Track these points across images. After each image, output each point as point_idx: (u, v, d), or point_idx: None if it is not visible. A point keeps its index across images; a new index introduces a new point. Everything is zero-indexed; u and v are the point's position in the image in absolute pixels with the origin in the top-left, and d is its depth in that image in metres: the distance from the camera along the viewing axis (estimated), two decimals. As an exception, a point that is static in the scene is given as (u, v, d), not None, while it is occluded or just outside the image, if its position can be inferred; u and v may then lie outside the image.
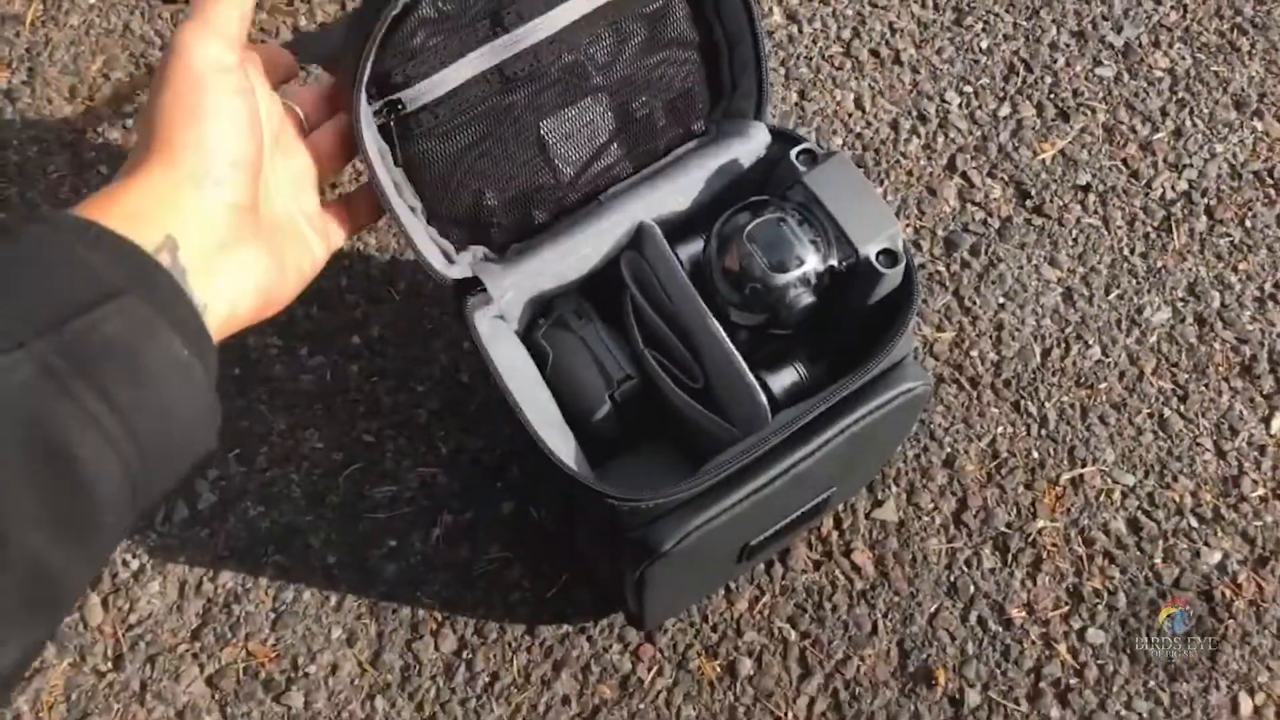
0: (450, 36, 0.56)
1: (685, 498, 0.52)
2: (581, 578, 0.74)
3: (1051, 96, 0.94)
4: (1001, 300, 0.85)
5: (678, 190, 0.60)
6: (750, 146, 0.61)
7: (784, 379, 0.58)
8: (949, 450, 0.79)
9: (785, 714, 0.71)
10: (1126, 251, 0.87)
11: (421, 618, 0.73)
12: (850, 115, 0.93)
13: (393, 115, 0.56)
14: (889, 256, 0.54)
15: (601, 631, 0.73)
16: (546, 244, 0.59)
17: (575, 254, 0.59)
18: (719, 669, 0.72)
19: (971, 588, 0.75)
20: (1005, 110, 0.93)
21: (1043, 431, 0.80)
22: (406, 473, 0.78)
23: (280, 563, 0.75)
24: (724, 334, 0.56)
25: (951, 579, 0.75)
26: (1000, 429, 0.80)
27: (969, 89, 0.94)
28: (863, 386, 0.55)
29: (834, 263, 0.55)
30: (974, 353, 0.83)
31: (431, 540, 0.76)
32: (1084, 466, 0.79)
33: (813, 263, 0.54)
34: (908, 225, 0.88)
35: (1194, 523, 0.77)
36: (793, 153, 0.57)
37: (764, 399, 0.54)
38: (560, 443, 0.55)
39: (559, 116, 0.60)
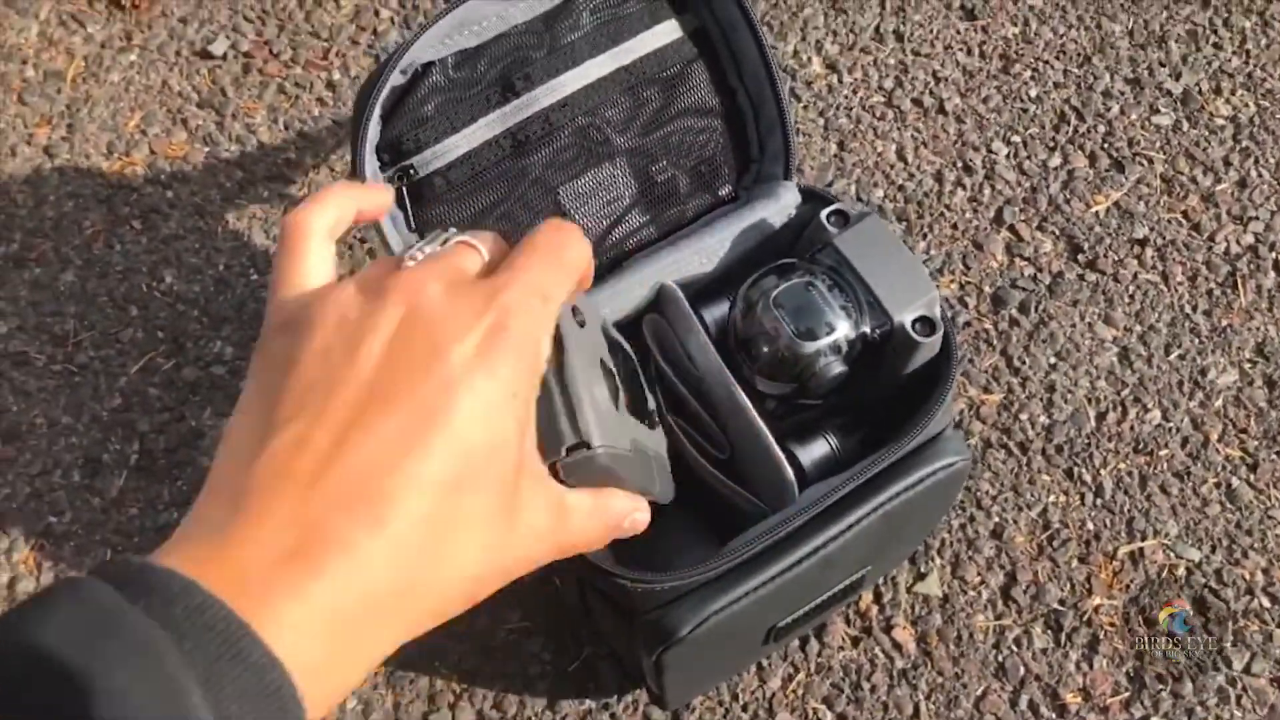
0: (461, 103, 0.55)
1: (704, 580, 0.49)
2: (604, 652, 0.71)
3: (1105, 146, 0.90)
4: (1053, 360, 0.80)
5: (702, 250, 0.57)
6: (779, 206, 0.58)
7: (814, 451, 0.55)
8: (997, 520, 0.75)
9: (820, 803, 0.66)
10: (1188, 309, 0.82)
11: (439, 689, 0.70)
12: (892, 167, 0.90)
13: (405, 180, 0.55)
14: (926, 325, 0.51)
15: (625, 709, 0.70)
16: (564, 307, 0.57)
17: (595, 314, 0.57)
18: (749, 752, 0.68)
19: (1022, 669, 0.70)
20: (1056, 161, 0.89)
21: (1098, 501, 0.75)
22: (428, 536, 0.76)
23: None
24: (749, 404, 0.52)
25: (1000, 659, 0.70)
26: (1052, 498, 0.75)
27: (1017, 139, 0.90)
28: (898, 461, 0.52)
29: (866, 330, 0.51)
30: (1023, 416, 0.78)
31: (452, 607, 0.73)
32: (1144, 540, 0.74)
33: (844, 330, 0.51)
34: (952, 281, 0.84)
35: (1266, 602, 0.71)
36: (823, 214, 0.54)
37: (791, 474, 0.51)
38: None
39: (577, 181, 0.58)
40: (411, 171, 0.55)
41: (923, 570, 0.73)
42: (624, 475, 0.34)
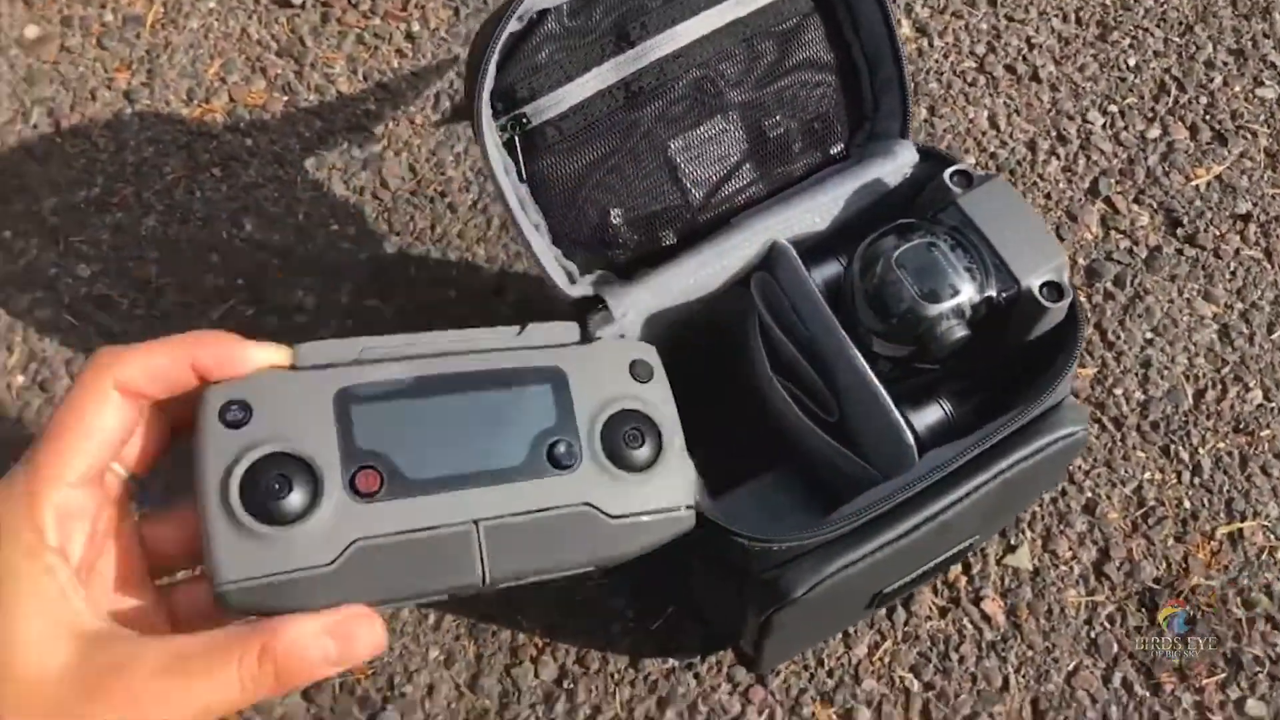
0: (575, 51, 0.54)
1: (822, 541, 0.48)
2: (689, 612, 0.71)
3: (1207, 118, 0.87)
4: (1149, 335, 0.78)
5: (814, 209, 0.56)
6: (895, 165, 0.57)
7: (928, 417, 0.54)
8: (1090, 495, 0.73)
9: (904, 773, 0.66)
10: (1292, 286, 0.80)
11: (521, 642, 0.70)
12: (984, 134, 0.87)
13: (517, 130, 0.53)
14: (1054, 290, 0.49)
15: (709, 670, 0.69)
16: (672, 263, 0.56)
17: (701, 271, 0.56)
18: (835, 717, 0.68)
19: (1115, 646, 0.69)
20: (1155, 132, 0.86)
21: (1196, 480, 0.74)
22: (509, 492, 0.76)
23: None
24: (866, 366, 0.51)
25: (1092, 635, 0.69)
26: (1147, 475, 0.74)
27: (1114, 109, 0.88)
28: (1019, 429, 0.51)
29: (991, 293, 0.50)
30: (1118, 391, 0.77)
31: (533, 564, 0.73)
32: (1243, 521, 0.72)
33: (968, 293, 0.50)
34: (1045, 251, 0.82)
35: (1367, 588, 0.70)
36: (947, 173, 0.53)
37: (911, 438, 0.50)
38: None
39: (688, 135, 0.57)
40: (524, 120, 0.54)
41: (1013, 543, 0.72)
42: (305, 600, 0.31)
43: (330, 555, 0.32)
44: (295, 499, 0.33)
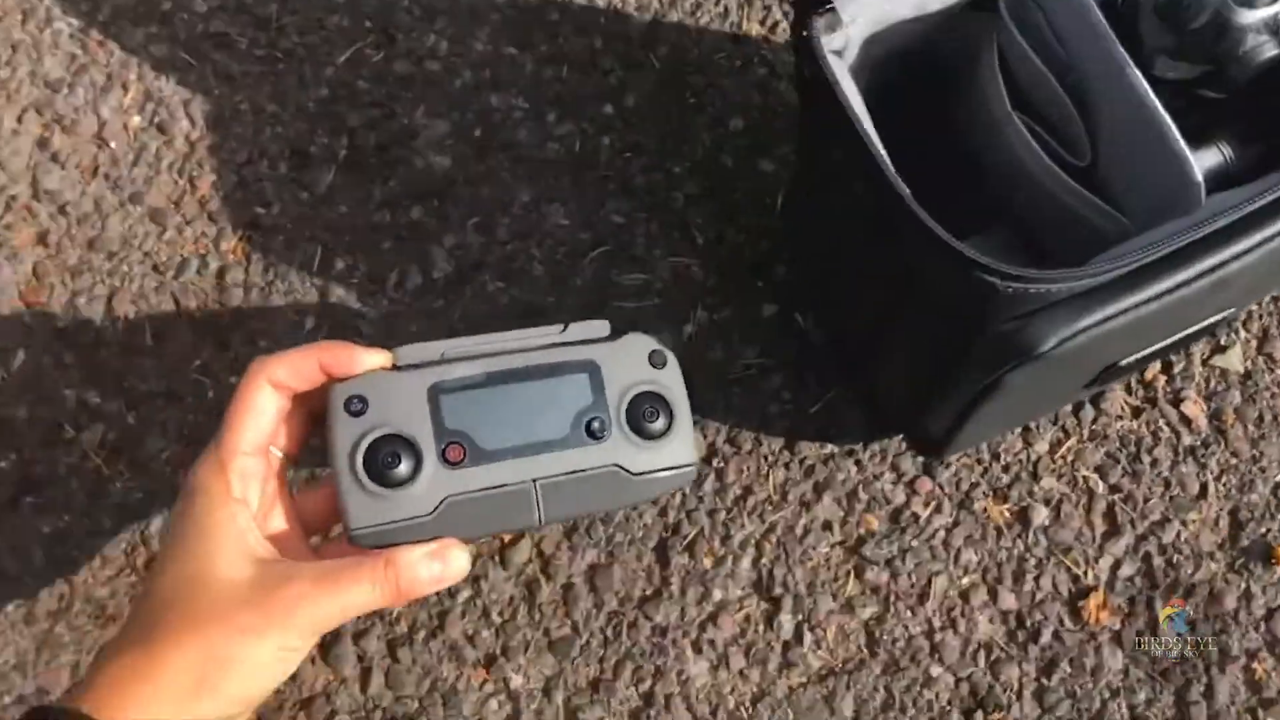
0: None
1: (1086, 287, 0.41)
2: (852, 396, 0.65)
3: None
4: None
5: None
6: None
7: (1204, 160, 0.45)
8: (1318, 294, 0.65)
9: (1084, 573, 0.61)
10: None
11: (670, 418, 0.66)
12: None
13: None
14: None
15: (872, 457, 0.64)
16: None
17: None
18: (1009, 515, 0.63)
19: (1332, 459, 0.62)
20: None
21: None
22: (659, 261, 0.70)
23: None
24: (1148, 87, 0.43)
25: (1306, 446, 0.63)
26: (1388, 275, 0.65)
27: None
28: (1321, 177, 0.42)
29: (1325, -1, 0.41)
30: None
31: (683, 337, 0.68)
32: None
33: (1294, -4, 0.41)
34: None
35: None
36: None
37: (1198, 174, 0.42)
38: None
39: None
40: None
41: (1223, 342, 0.65)
42: (414, 538, 0.44)
43: (430, 507, 0.45)
44: (403, 468, 0.45)
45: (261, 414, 0.44)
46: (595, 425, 0.48)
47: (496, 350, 0.49)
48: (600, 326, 0.51)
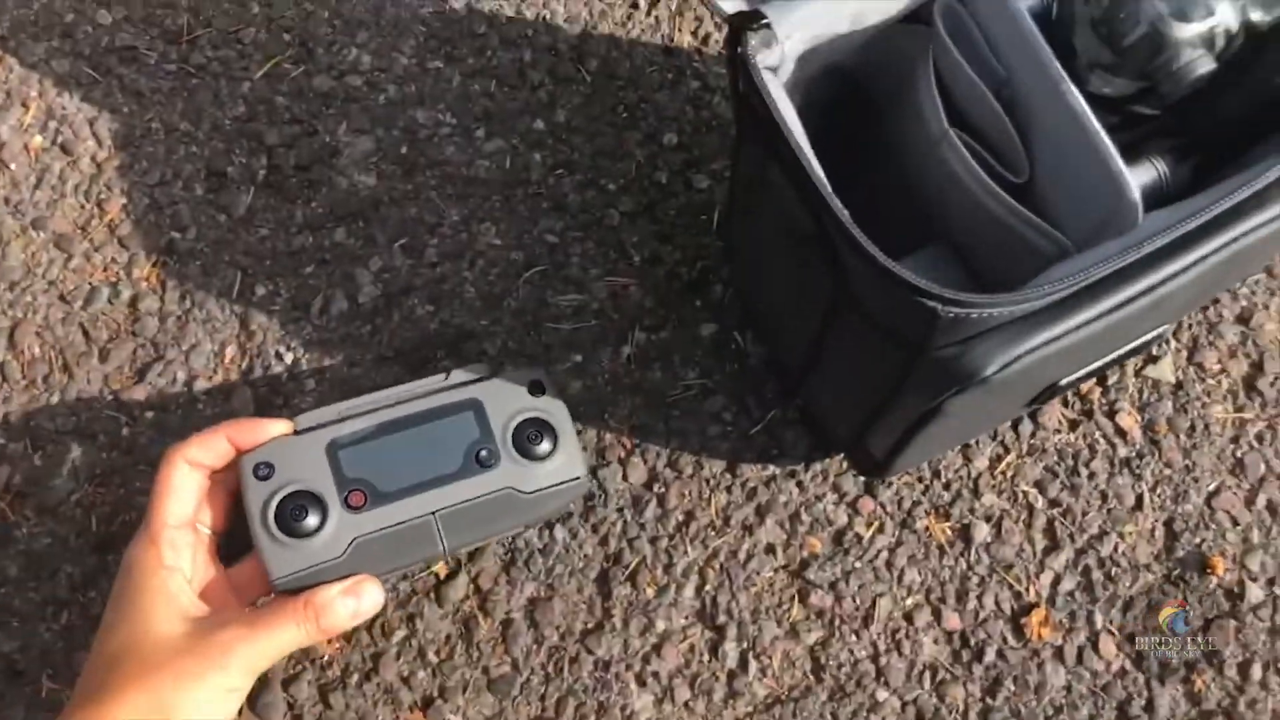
0: None
1: (1027, 310, 0.40)
2: (793, 416, 0.64)
3: None
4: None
5: (1026, -84, 0.45)
6: None
7: (1141, 176, 0.45)
8: (1245, 304, 0.66)
9: (1026, 589, 0.61)
10: None
11: (609, 443, 0.64)
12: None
13: None
14: (1337, 11, 0.40)
15: (814, 478, 0.63)
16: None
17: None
18: (951, 533, 0.62)
19: (1262, 467, 0.63)
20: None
21: (1366, 290, 0.66)
22: (594, 281, 0.68)
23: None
24: (1085, 103, 0.42)
25: (1238, 455, 0.63)
26: (1311, 284, 0.66)
27: None
28: (1255, 194, 0.42)
29: (1254, 17, 0.41)
30: (1284, 191, 0.68)
31: (621, 359, 0.66)
32: None
33: (1224, 14, 0.41)
34: None
35: None
36: None
37: (1136, 193, 0.42)
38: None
39: None
40: None
41: (1155, 354, 0.65)
42: (330, 578, 0.51)
43: (340, 550, 0.51)
44: (311, 519, 0.51)
45: (182, 490, 0.51)
46: (484, 455, 0.54)
47: (387, 403, 0.55)
48: (480, 368, 0.58)
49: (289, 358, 0.66)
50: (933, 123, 0.48)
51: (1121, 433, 0.64)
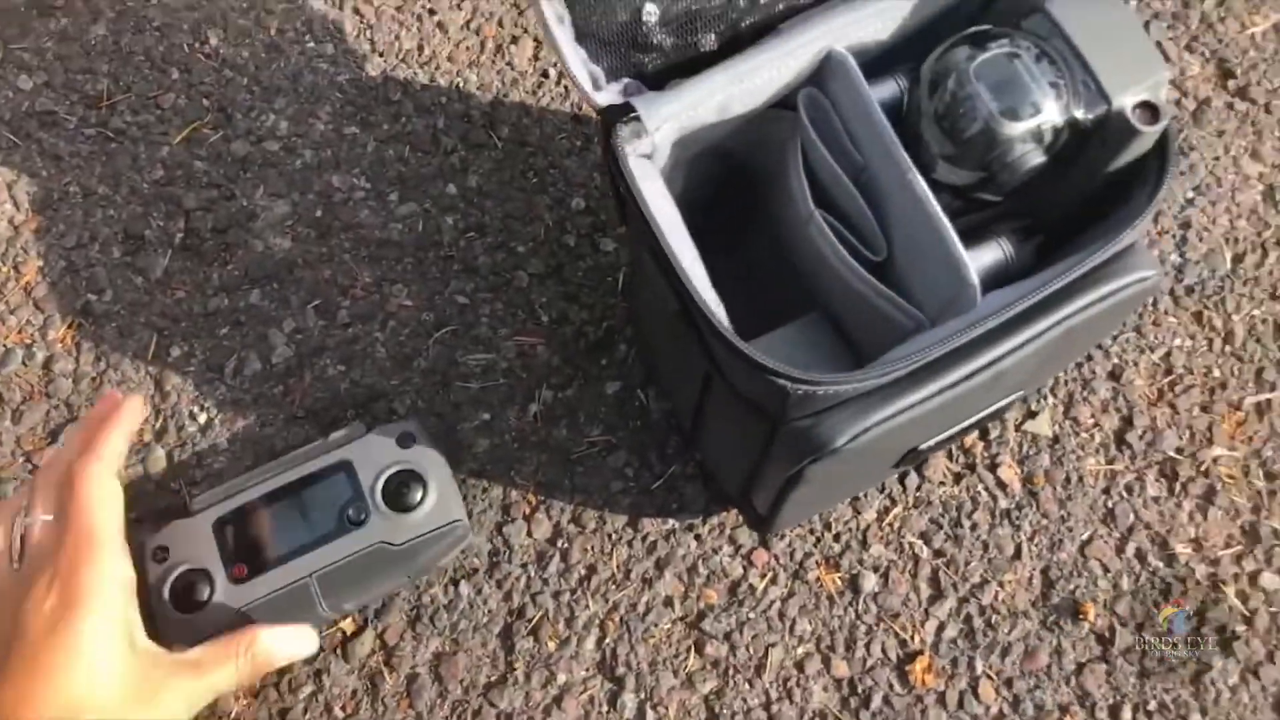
0: None
1: (872, 387, 0.44)
2: (692, 470, 0.67)
3: (1267, -38, 0.80)
4: (1190, 195, 0.74)
5: (878, 13, 0.49)
6: (967, -32, 0.50)
7: (984, 257, 0.49)
8: (1116, 361, 0.70)
9: (911, 637, 0.64)
10: (1342, 149, 0.75)
11: (514, 499, 0.66)
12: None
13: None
14: (1148, 111, 0.44)
15: (711, 531, 0.66)
16: (711, 72, 0.49)
17: (744, 83, 0.49)
18: (840, 583, 0.65)
19: (1131, 516, 0.66)
20: (1210, -25, 0.80)
21: (1227, 348, 0.70)
22: (503, 341, 0.70)
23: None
24: (929, 193, 0.46)
25: (1109, 505, 0.67)
26: (1177, 341, 0.70)
27: (1168, -52, 0.81)
28: (1087, 272, 0.46)
29: (1077, 115, 0.44)
30: (1154, 253, 0.72)
31: (528, 416, 0.68)
32: (1272, 391, 0.69)
33: (1050, 113, 0.44)
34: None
35: (1392, 465, 0.68)
36: (1032, -26, 0.46)
37: (975, 276, 0.45)
38: (715, 309, 0.46)
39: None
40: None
41: (1033, 409, 0.69)
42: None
43: (230, 619, 0.55)
44: (201, 593, 0.55)
45: (113, 501, 0.53)
46: (353, 513, 0.57)
47: (273, 474, 0.59)
48: (357, 428, 0.61)
49: (202, 418, 0.67)
50: (801, 203, 0.51)
51: (1002, 485, 0.67)
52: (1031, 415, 0.69)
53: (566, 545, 0.65)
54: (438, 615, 0.63)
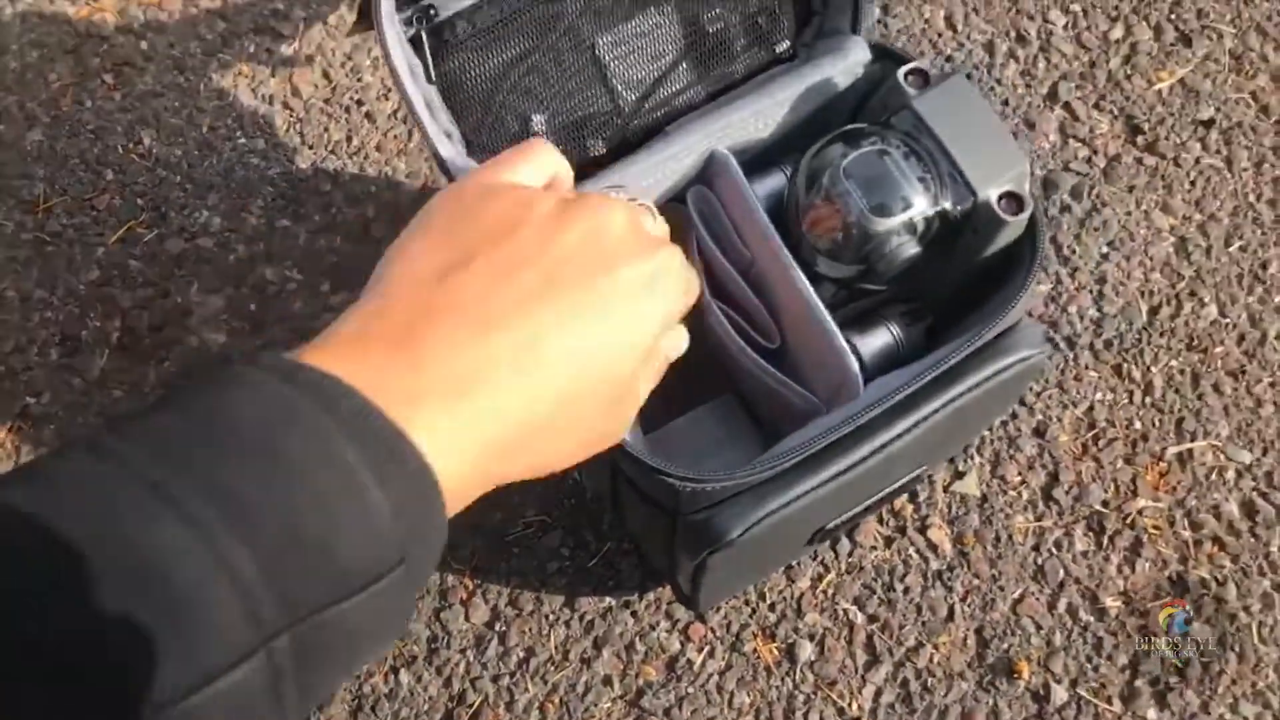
0: (486, -69, 0.48)
1: (759, 480, 0.45)
2: (626, 548, 0.68)
3: (1172, 18, 0.82)
4: (1105, 250, 0.75)
5: (758, 113, 0.51)
6: (846, 64, 0.52)
7: (874, 341, 0.50)
8: (1040, 418, 0.71)
9: (849, 704, 0.64)
10: (1252, 197, 0.77)
11: (451, 584, 0.67)
12: (940, 35, 0.82)
13: (424, 24, 0.48)
14: (1013, 201, 0.45)
15: (648, 607, 0.67)
16: (601, 176, 0.51)
17: (634, 186, 0.51)
18: (777, 653, 0.66)
19: (1061, 572, 0.67)
20: (1118, 32, 0.82)
21: (1147, 400, 0.71)
22: (437, 424, 0.71)
23: None
24: (810, 288, 0.47)
25: (1039, 562, 0.68)
26: (1099, 395, 0.71)
27: (1076, 7, 0.83)
28: (972, 353, 0.47)
29: (946, 206, 0.46)
30: (1072, 309, 0.74)
31: (463, 500, 0.69)
32: (1193, 440, 0.70)
33: (920, 206, 0.46)
34: (1000, 162, 0.78)
35: (1316, 507, 0.69)
36: (901, 73, 0.48)
37: (855, 366, 0.46)
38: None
39: (617, 30, 0.51)
40: (431, 12, 0.48)
41: (961, 469, 0.70)
42: None
43: None
44: None
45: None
46: None
47: None
48: None
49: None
50: (700, 294, 0.52)
51: (933, 546, 0.68)
52: (959, 476, 0.70)
53: (504, 628, 0.66)
54: (379, 705, 0.64)
